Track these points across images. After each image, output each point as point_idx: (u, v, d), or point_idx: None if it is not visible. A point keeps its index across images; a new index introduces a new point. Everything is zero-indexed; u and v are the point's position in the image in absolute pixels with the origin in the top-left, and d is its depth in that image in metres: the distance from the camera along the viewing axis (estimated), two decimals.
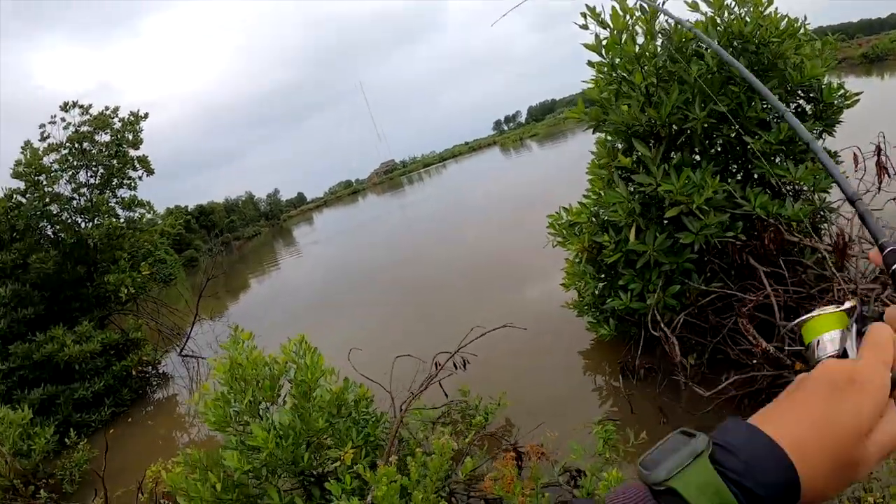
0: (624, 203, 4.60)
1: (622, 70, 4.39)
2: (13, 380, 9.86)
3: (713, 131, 4.68)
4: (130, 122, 11.34)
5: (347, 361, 5.44)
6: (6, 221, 10.24)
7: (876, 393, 0.59)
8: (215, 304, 22.60)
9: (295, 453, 4.20)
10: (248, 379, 4.44)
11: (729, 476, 0.54)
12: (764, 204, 4.48)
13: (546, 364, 6.18)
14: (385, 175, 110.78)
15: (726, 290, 4.58)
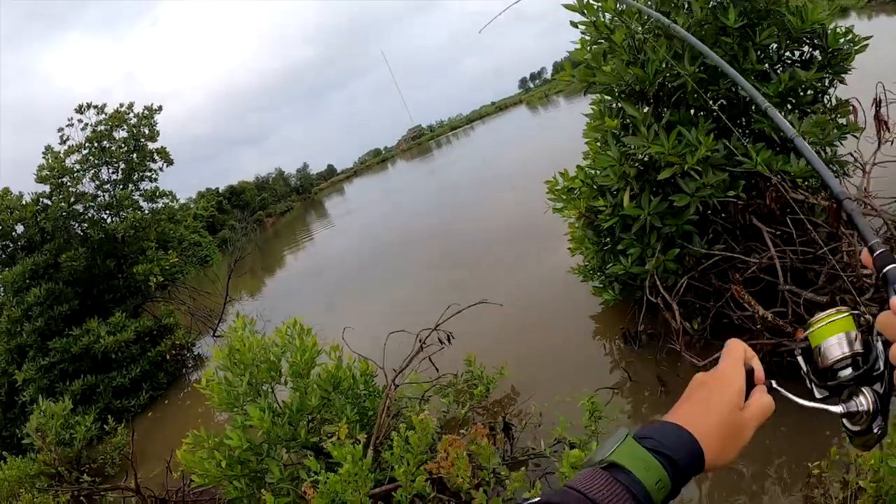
0: (616, 166, 4.43)
1: (603, 29, 4.17)
2: (54, 373, 10.33)
3: (708, 86, 4.42)
4: (145, 116, 11.54)
5: (370, 334, 5.67)
6: (35, 224, 10.61)
7: (732, 378, 0.82)
8: (252, 282, 23.14)
9: (293, 429, 4.36)
10: (246, 363, 4.57)
11: (648, 448, 0.74)
12: (767, 160, 4.23)
13: (553, 330, 6.15)
14: (413, 141, 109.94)
15: (727, 253, 4.39)
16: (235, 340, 4.67)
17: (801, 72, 4.26)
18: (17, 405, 10.41)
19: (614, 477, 0.72)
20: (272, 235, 45.63)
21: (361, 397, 4.87)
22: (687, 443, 0.75)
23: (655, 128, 4.20)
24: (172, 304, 13.03)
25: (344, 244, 22.73)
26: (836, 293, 3.88)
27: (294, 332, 4.74)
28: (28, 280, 10.53)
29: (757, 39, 4.23)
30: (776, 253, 4.21)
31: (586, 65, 4.38)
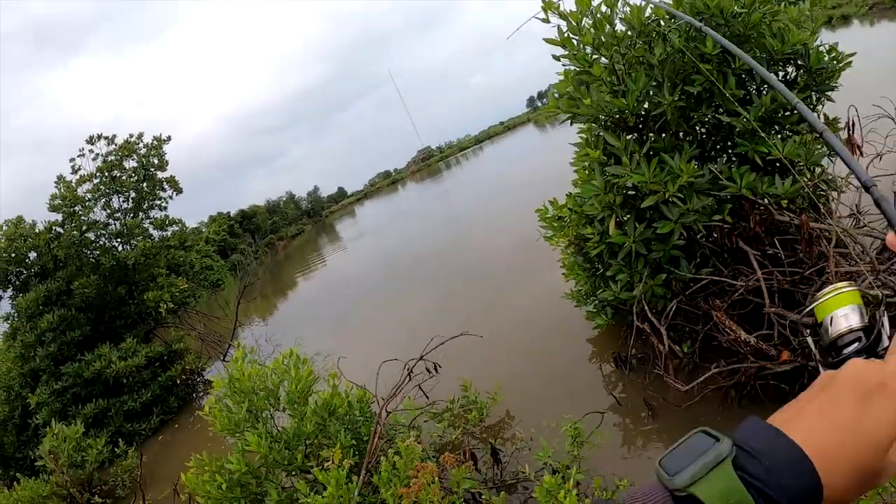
0: (601, 196, 4.52)
1: (583, 62, 4.29)
2: (67, 397, 10.54)
3: (690, 114, 4.52)
4: (154, 146, 11.88)
5: (376, 357, 5.79)
6: (48, 252, 10.91)
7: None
8: (264, 305, 23.36)
9: (291, 454, 4.51)
10: (245, 391, 4.73)
11: (752, 483, 0.54)
12: (751, 184, 4.31)
13: (548, 354, 6.22)
14: (422, 162, 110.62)
15: (714, 278, 4.45)
16: (235, 370, 4.84)
17: (780, 95, 4.32)
18: (30, 428, 10.62)
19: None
20: (283, 259, 46.04)
21: (357, 423, 5.00)
22: (809, 490, 0.54)
23: (637, 156, 4.29)
24: (183, 329, 13.22)
25: (355, 268, 22.90)
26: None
27: (290, 361, 4.88)
28: (41, 306, 10.80)
29: (735, 65, 4.31)
30: (762, 275, 4.26)
31: (569, 96, 4.49)
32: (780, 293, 4.39)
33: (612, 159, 4.46)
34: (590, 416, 4.50)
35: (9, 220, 10.90)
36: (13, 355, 10.73)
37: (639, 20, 4.19)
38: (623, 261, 4.73)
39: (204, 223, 44.28)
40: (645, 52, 4.25)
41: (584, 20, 4.30)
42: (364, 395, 5.26)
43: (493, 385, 5.42)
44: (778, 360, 3.67)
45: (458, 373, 5.82)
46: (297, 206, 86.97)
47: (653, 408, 4.34)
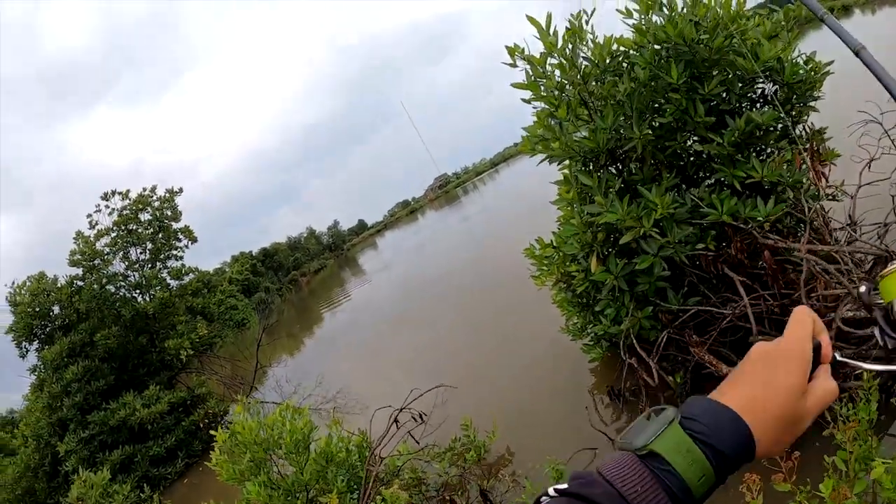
0: (579, 234, 4.53)
1: (550, 104, 4.34)
2: (94, 445, 10.81)
3: (665, 144, 4.51)
4: (167, 199, 12.26)
5: (394, 393, 6.02)
6: (71, 306, 11.28)
7: (800, 359, 0.73)
8: (291, 343, 23.56)
9: (290, 502, 4.63)
10: (247, 443, 4.86)
11: (696, 437, 0.65)
12: (732, 209, 4.26)
13: (548, 388, 6.22)
14: (440, 190, 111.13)
15: (699, 308, 4.40)
16: (236, 424, 4.97)
17: (756, 115, 4.24)
18: (60, 475, 10.92)
19: (651, 469, 0.65)
20: (307, 294, 46.50)
21: (356, 468, 5.06)
22: (742, 435, 0.67)
23: (612, 194, 4.30)
24: (204, 374, 13.45)
25: (378, 301, 22.95)
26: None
27: (287, 414, 4.98)
28: (66, 358, 11.16)
29: (705, 91, 4.27)
30: (749, 301, 4.20)
31: (541, 137, 4.53)
32: (772, 318, 4.33)
33: (588, 198, 4.47)
34: (583, 453, 4.47)
35: (31, 276, 11.35)
36: (41, 405, 11.09)
37: (601, 57, 4.23)
38: (609, 296, 4.71)
39: (227, 263, 45.16)
40: (612, 88, 4.29)
41: (549, 60, 4.35)
42: (363, 440, 5.34)
43: (494, 420, 5.46)
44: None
45: (465, 406, 5.91)
46: (319, 241, 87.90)
47: None
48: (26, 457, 10.98)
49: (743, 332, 4.43)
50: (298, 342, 23.57)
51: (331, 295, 35.68)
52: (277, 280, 47.88)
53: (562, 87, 4.27)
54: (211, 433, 5.14)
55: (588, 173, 4.39)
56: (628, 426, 0.69)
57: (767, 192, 4.45)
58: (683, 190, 4.73)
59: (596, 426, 4.70)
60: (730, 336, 4.55)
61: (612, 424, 4.89)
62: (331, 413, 9.45)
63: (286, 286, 46.43)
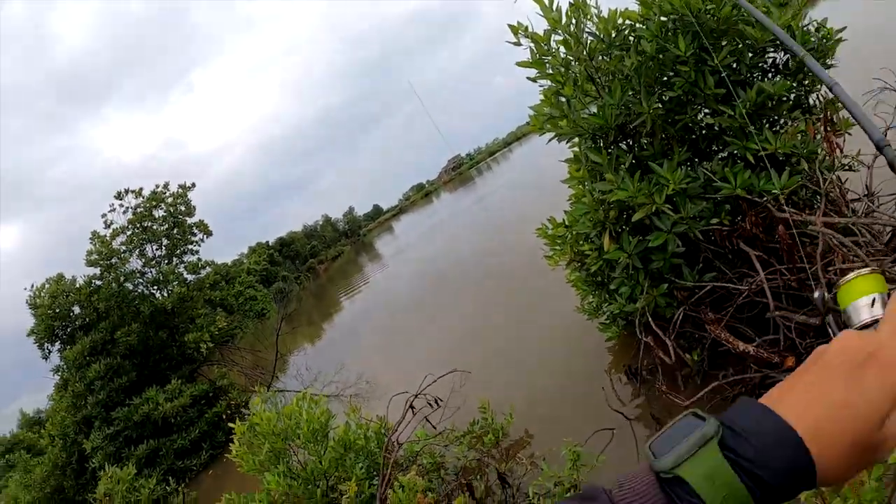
0: (591, 213, 4.47)
1: (556, 82, 4.27)
2: (120, 440, 11.02)
3: (675, 118, 4.42)
4: (180, 194, 12.35)
5: (408, 379, 6.07)
6: (90, 305, 11.46)
7: (893, 377, 0.55)
8: (311, 331, 23.74)
9: (311, 490, 4.69)
10: (265, 434, 4.91)
11: (740, 464, 0.51)
12: (746, 183, 4.17)
13: (567, 369, 6.18)
14: (454, 171, 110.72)
15: (715, 284, 4.33)
16: (254, 416, 5.02)
17: (767, 85, 4.15)
18: (87, 471, 11.15)
19: (672, 499, 0.52)
20: (326, 281, 46.73)
21: (375, 454, 5.09)
22: (801, 469, 0.52)
23: (622, 170, 4.23)
24: (225, 366, 13.61)
25: (396, 285, 23.01)
26: (828, 314, 3.77)
27: (304, 404, 5.02)
28: (88, 357, 11.35)
29: (715, 62, 4.17)
30: (766, 276, 4.13)
31: (549, 116, 4.46)
32: (789, 292, 4.25)
33: (599, 175, 4.41)
34: (601, 434, 4.45)
35: (50, 278, 11.54)
36: (66, 404, 11.31)
37: (606, 31, 4.14)
38: (623, 274, 4.66)
39: (244, 254, 45.58)
40: (618, 63, 4.20)
41: (553, 37, 4.27)
42: (381, 426, 5.37)
43: (512, 401, 5.51)
44: (782, 368, 3.55)
45: (483, 389, 5.93)
46: (335, 228, 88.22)
47: (660, 422, 4.25)
48: (54, 455, 11.25)
49: (760, 307, 4.36)
50: (318, 329, 23.69)
51: (349, 281, 35.79)
52: (295, 268, 48.22)
53: (567, 64, 4.19)
54: (230, 425, 5.19)
55: (598, 150, 4.32)
56: (659, 432, 0.57)
57: (782, 164, 4.35)
58: (696, 164, 4.64)
59: (613, 406, 4.67)
60: (747, 312, 4.48)
61: (630, 404, 4.86)
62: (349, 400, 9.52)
63: (304, 274, 46.81)
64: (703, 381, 4.25)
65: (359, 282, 32.77)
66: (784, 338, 3.89)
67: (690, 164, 4.69)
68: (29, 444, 16.92)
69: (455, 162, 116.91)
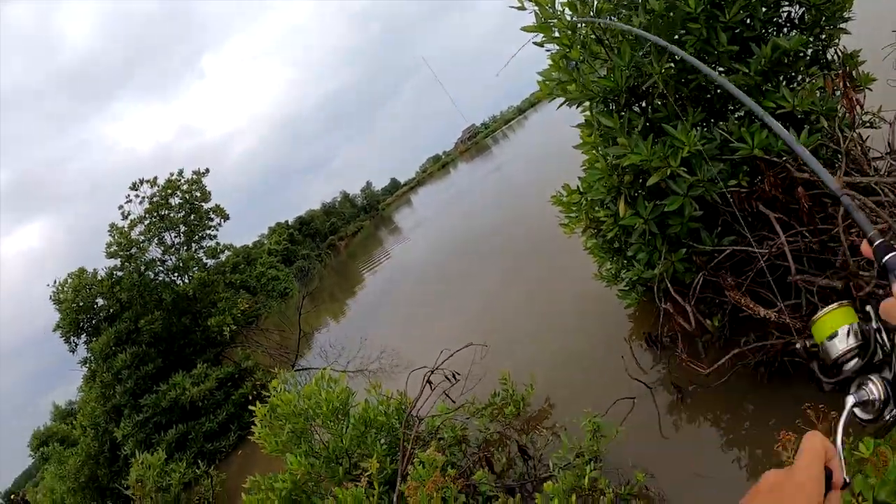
0: (604, 178, 4.36)
1: (563, 45, 4.13)
2: (149, 427, 11.28)
3: (686, 78, 4.27)
4: (195, 180, 12.38)
5: (441, 345, 6.04)
6: (113, 296, 11.64)
7: (812, 491, 0.73)
8: (335, 307, 23.92)
9: (333, 468, 4.73)
10: (286, 415, 4.96)
11: None
12: (763, 143, 4.03)
13: (586, 337, 6.16)
14: (469, 141, 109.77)
15: (735, 248, 4.22)
16: (274, 398, 5.06)
17: (782, 40, 3.99)
18: (119, 459, 11.44)
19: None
20: (346, 257, 46.94)
21: (396, 429, 5.12)
22: None
23: (635, 133, 4.11)
24: (249, 347, 13.79)
25: (416, 258, 22.95)
26: (852, 277, 3.65)
27: (323, 383, 5.05)
28: (114, 347, 11.57)
29: (726, 17, 4.01)
30: (787, 239, 4.01)
31: (557, 81, 4.34)
32: (812, 255, 4.13)
33: (611, 140, 4.29)
34: (622, 402, 4.42)
35: (72, 273, 11.70)
36: (95, 395, 11.56)
37: None
38: (640, 240, 4.56)
39: (264, 235, 45.91)
40: (627, 23, 4.05)
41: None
42: (401, 402, 5.38)
43: (533, 371, 5.53)
44: (804, 334, 3.45)
45: (504, 359, 5.92)
46: (353, 204, 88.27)
47: (682, 390, 4.20)
48: (86, 445, 11.56)
49: (781, 270, 4.25)
50: (342, 305, 23.81)
51: (370, 256, 35.79)
52: (316, 246, 48.51)
53: (574, 27, 4.05)
54: (250, 408, 5.24)
55: (609, 114, 4.20)
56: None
57: (800, 122, 4.21)
58: (711, 125, 4.51)
59: (633, 374, 4.61)
60: (768, 276, 4.37)
61: (650, 371, 4.80)
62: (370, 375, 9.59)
63: (325, 251, 47.07)
64: (725, 348, 4.17)
65: (380, 256, 32.71)
66: (806, 302, 3.79)
67: (706, 124, 4.56)
68: (62, 436, 17.40)
69: (470, 132, 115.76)
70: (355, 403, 5.27)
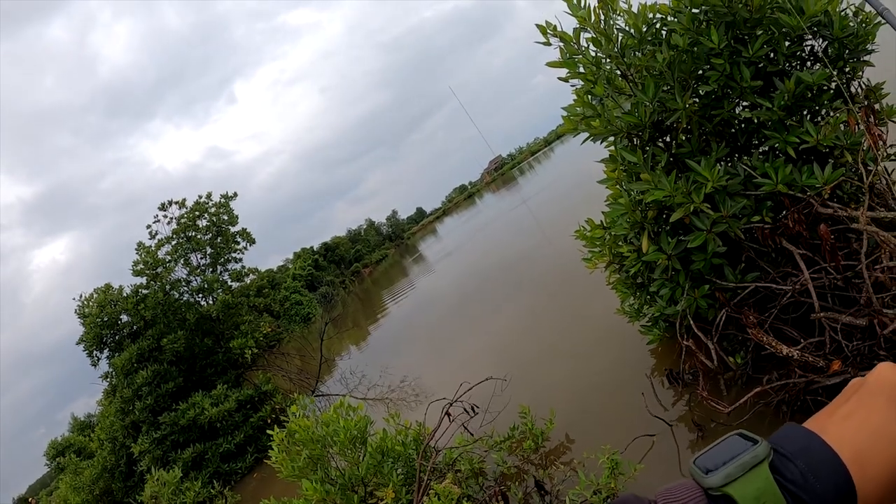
0: (627, 214, 4.37)
1: (587, 82, 4.19)
2: (167, 444, 11.36)
3: (711, 113, 4.28)
4: (223, 204, 12.67)
5: (462, 377, 6.01)
6: (137, 314, 11.86)
7: None
8: (358, 334, 23.92)
9: (348, 496, 4.72)
10: (304, 442, 4.97)
11: (787, 486, 0.53)
12: (787, 178, 4.01)
13: (608, 372, 6.05)
14: (496, 172, 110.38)
15: (758, 284, 4.17)
16: (292, 423, 5.09)
17: (805, 74, 3.99)
18: (135, 474, 11.54)
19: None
20: (371, 285, 47.11)
21: (413, 460, 5.09)
22: (843, 492, 0.54)
23: (659, 169, 4.12)
24: (270, 371, 13.87)
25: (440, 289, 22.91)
26: (876, 315, 3.58)
27: (342, 411, 5.06)
28: (135, 363, 11.75)
29: (750, 53, 4.03)
30: (811, 276, 3.96)
31: (582, 116, 4.38)
32: (835, 293, 4.06)
33: (635, 175, 4.31)
34: (641, 440, 4.35)
35: (98, 288, 12.00)
36: (114, 409, 11.72)
37: (637, 26, 4.05)
38: (663, 275, 4.54)
39: (289, 260, 46.38)
40: (650, 59, 4.09)
41: (583, 35, 4.20)
42: (419, 433, 5.37)
43: (553, 405, 5.42)
44: (827, 372, 3.38)
45: (524, 393, 5.88)
46: (378, 232, 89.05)
47: (703, 428, 4.12)
48: (103, 458, 11.71)
49: (805, 307, 4.18)
50: (364, 332, 23.78)
51: (393, 285, 35.81)
52: (340, 273, 48.90)
53: (598, 63, 4.11)
54: (268, 432, 5.27)
55: (633, 149, 4.22)
56: (705, 449, 0.58)
57: (824, 157, 4.18)
58: (735, 160, 4.50)
59: (653, 411, 4.54)
60: (791, 312, 4.30)
61: (672, 409, 4.72)
62: (389, 405, 9.56)
63: (349, 278, 47.38)
64: (747, 385, 4.10)
65: (404, 286, 32.71)
66: (830, 340, 3.72)
67: (729, 160, 4.55)
68: (79, 447, 17.59)
69: (497, 163, 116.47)
70: (373, 432, 5.27)
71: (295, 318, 19.94)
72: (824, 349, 3.66)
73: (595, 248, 5.38)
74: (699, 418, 4.21)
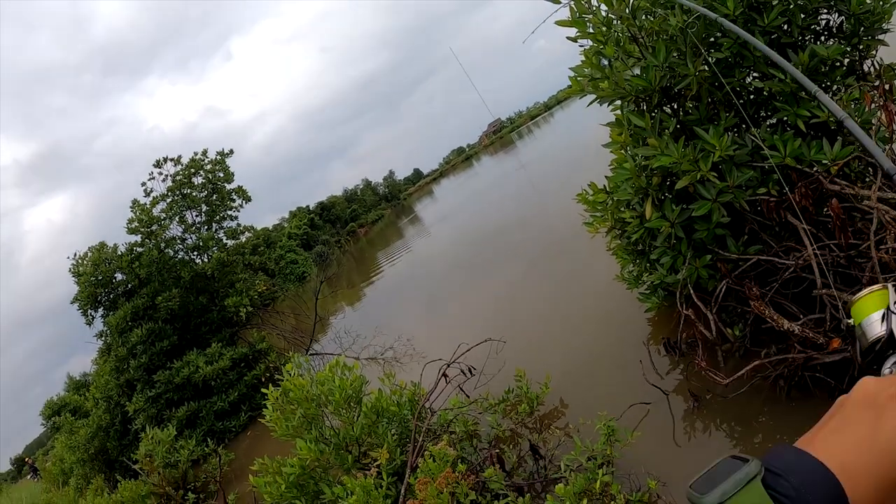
0: (632, 179, 4.31)
1: (597, 41, 4.07)
2: (161, 403, 11.44)
3: (720, 81, 4.18)
4: (218, 161, 12.46)
5: (458, 338, 6.07)
6: (132, 272, 11.78)
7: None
8: (352, 293, 23.95)
9: (342, 455, 4.73)
10: (299, 400, 4.98)
11: (782, 501, 0.55)
12: (796, 151, 3.95)
13: (604, 339, 6.07)
14: (494, 135, 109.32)
15: (761, 257, 4.14)
16: (287, 382, 5.09)
17: (820, 48, 3.91)
18: (129, 433, 11.63)
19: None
20: (366, 244, 47.05)
21: (408, 420, 5.13)
22: (834, 500, 0.55)
23: (666, 135, 4.04)
24: (265, 329, 13.89)
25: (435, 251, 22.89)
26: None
27: (337, 370, 5.06)
28: (130, 322, 11.74)
29: (764, 22, 3.93)
30: (815, 251, 3.92)
31: (590, 77, 4.28)
32: (838, 270, 4.04)
33: (641, 140, 4.23)
34: (637, 407, 4.38)
35: (92, 247, 11.87)
36: (109, 368, 11.74)
37: None
38: (665, 243, 4.51)
39: (285, 219, 46.09)
40: (663, 22, 3.97)
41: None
42: (414, 393, 5.38)
43: (549, 370, 5.46)
44: (827, 349, 3.38)
45: (520, 357, 5.90)
46: (375, 192, 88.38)
47: (698, 398, 4.14)
48: (98, 417, 11.75)
49: (807, 283, 4.17)
50: (359, 292, 23.77)
51: (389, 245, 35.68)
52: (336, 232, 48.78)
53: (609, 23, 3.99)
54: (262, 391, 5.27)
55: (640, 114, 4.14)
56: (700, 473, 0.59)
57: (834, 133, 4.11)
58: (743, 130, 4.42)
59: (650, 379, 4.56)
60: (792, 287, 4.29)
61: (668, 377, 4.75)
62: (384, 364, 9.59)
63: (344, 238, 47.28)
64: (745, 358, 4.11)
65: (400, 247, 32.60)
66: (830, 317, 3.71)
67: (737, 130, 4.47)
68: (75, 406, 17.68)
69: (495, 126, 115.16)
70: (368, 392, 5.28)
71: (290, 276, 19.91)
72: (824, 326, 3.65)
73: (597, 212, 5.34)
74: (694, 388, 4.23)
